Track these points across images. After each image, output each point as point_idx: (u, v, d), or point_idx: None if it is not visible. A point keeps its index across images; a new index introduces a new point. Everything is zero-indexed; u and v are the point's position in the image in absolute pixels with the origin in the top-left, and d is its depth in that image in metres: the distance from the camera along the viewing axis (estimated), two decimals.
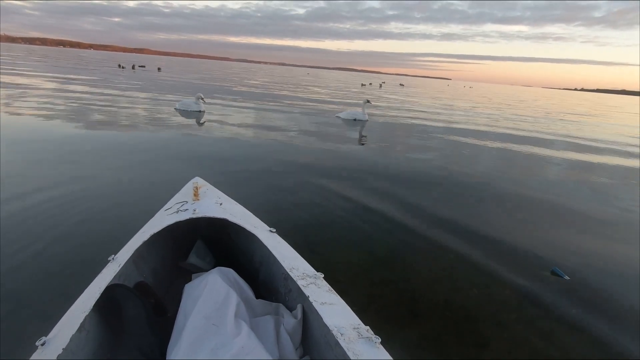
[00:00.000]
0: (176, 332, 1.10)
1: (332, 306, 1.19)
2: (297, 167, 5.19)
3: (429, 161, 6.27)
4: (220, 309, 1.13)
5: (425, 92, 38.32)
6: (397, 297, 2.35)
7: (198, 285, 1.24)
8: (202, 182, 2.18)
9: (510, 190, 4.92)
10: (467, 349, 1.98)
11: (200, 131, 7.42)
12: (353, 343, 1.03)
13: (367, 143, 7.59)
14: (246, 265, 1.85)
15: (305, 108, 13.01)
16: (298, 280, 1.32)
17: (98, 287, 1.21)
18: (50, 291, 2.15)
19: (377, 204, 3.92)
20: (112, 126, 7.09)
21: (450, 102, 23.87)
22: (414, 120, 12.07)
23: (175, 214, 1.64)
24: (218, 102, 12.50)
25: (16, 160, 4.45)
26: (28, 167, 4.28)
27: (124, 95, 12.44)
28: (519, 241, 3.31)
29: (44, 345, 1.01)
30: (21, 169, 4.16)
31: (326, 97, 19.16)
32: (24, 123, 6.76)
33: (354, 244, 2.99)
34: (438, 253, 2.95)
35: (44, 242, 2.65)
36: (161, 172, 4.48)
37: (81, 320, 1.07)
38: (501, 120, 14.41)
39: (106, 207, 3.34)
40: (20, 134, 5.86)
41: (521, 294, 2.48)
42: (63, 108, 8.75)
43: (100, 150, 5.26)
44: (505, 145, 8.47)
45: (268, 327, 1.19)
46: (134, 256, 1.47)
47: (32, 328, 1.86)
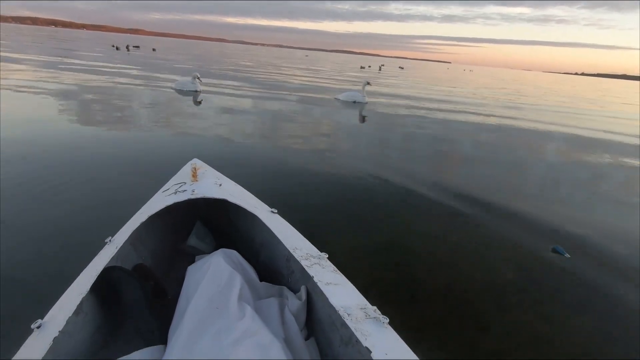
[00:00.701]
0: (178, 315, 1.07)
1: (337, 286, 1.16)
2: (295, 149, 5.11)
3: (430, 144, 6.20)
4: (224, 292, 1.10)
5: (427, 75, 37.86)
6: (398, 280, 2.33)
7: (201, 267, 1.20)
8: (201, 163, 2.13)
9: (512, 171, 4.88)
10: (469, 333, 1.96)
11: (197, 111, 7.28)
12: (360, 323, 1.00)
13: (366, 125, 7.49)
14: (246, 246, 1.81)
15: (303, 90, 12.80)
16: (302, 260, 1.28)
17: (95, 269, 1.17)
18: (45, 273, 2.11)
19: (378, 186, 3.87)
20: (107, 107, 6.94)
21: (456, 87, 23.59)
22: (416, 104, 11.92)
23: (174, 195, 1.60)
24: (215, 83, 12.27)
25: (10, 141, 4.35)
26: (20, 148, 4.18)
27: (119, 75, 12.17)
28: (520, 221, 3.31)
29: (39, 328, 0.98)
30: (14, 151, 4.06)
31: (324, 79, 18.87)
32: (17, 104, 6.60)
33: (355, 227, 2.96)
34: (440, 237, 2.92)
35: (38, 223, 2.60)
36: (158, 153, 4.39)
37: (78, 302, 1.03)
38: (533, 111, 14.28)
39: (102, 188, 3.27)
40: (14, 117, 5.72)
41: (522, 276, 2.47)
42: (55, 89, 8.54)
43: (94, 132, 5.15)
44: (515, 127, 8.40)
45: (272, 310, 1.16)
46: (131, 238, 1.43)
47: (27, 310, 1.83)
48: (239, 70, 19.55)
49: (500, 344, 1.90)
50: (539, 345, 1.91)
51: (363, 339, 0.94)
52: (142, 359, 0.96)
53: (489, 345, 1.89)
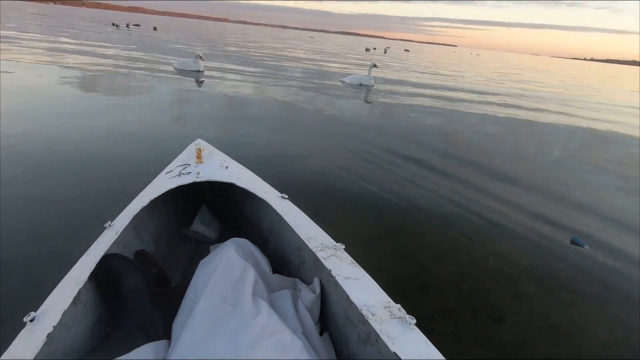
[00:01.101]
0: (185, 309, 0.98)
1: (357, 281, 1.06)
2: (301, 133, 4.98)
3: (440, 129, 6.04)
4: (237, 287, 1.02)
5: (434, 59, 37.11)
6: (408, 268, 2.24)
7: (212, 260, 1.11)
8: (205, 144, 2.02)
9: (528, 158, 4.74)
10: (482, 323, 1.89)
11: (199, 92, 7.11)
12: (385, 324, 0.91)
13: (373, 109, 7.31)
14: (254, 233, 1.73)
15: (308, 72, 12.53)
16: (317, 251, 1.18)
17: (94, 256, 1.08)
18: (42, 255, 2.03)
19: (387, 171, 3.76)
20: (109, 86, 6.78)
21: (466, 72, 23.09)
22: (426, 89, 11.65)
23: (177, 177, 1.50)
24: (218, 64, 12.01)
25: (11, 116, 4.23)
26: (22, 126, 4.07)
27: (120, 55, 11.92)
28: (538, 209, 3.19)
29: (33, 322, 0.89)
30: (15, 128, 3.95)
31: (330, 61, 18.47)
32: (18, 85, 6.45)
33: (364, 213, 2.86)
34: (452, 223, 2.81)
35: (36, 203, 2.51)
36: (160, 133, 4.27)
37: (76, 292, 0.95)
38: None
39: (102, 168, 3.17)
40: (15, 94, 5.58)
41: (539, 265, 2.38)
42: (57, 69, 8.36)
43: (96, 111, 5.02)
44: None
45: (286, 303, 1.08)
46: (133, 222, 1.34)
47: (24, 294, 1.76)
48: (242, 51, 19.16)
49: (515, 336, 1.82)
50: (556, 337, 1.84)
51: (390, 342, 0.85)
52: (145, 358, 0.87)
53: (504, 336, 1.81)
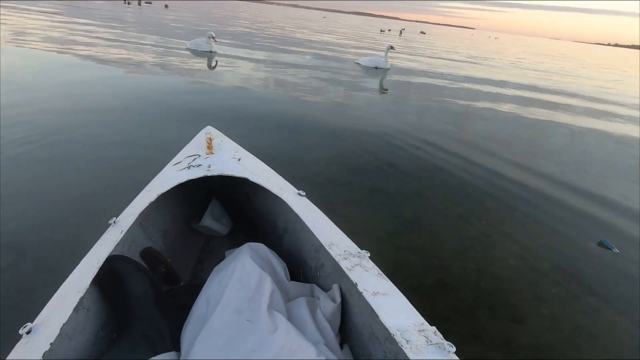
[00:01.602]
0: (196, 320, 0.92)
1: (386, 297, 0.97)
2: (313, 118, 4.86)
3: (464, 118, 5.84)
4: (253, 300, 0.95)
5: (452, 42, 35.98)
6: (425, 264, 2.17)
7: (226, 268, 1.04)
8: (216, 132, 1.92)
9: (555, 151, 4.55)
10: (502, 324, 1.81)
11: (211, 74, 7.00)
12: (421, 352, 0.81)
13: (390, 93, 7.11)
14: (267, 231, 1.66)
15: (322, 54, 12.24)
16: (340, 260, 1.09)
17: (97, 258, 1.01)
18: (52, 242, 2.01)
19: (404, 160, 3.64)
20: (119, 65, 6.71)
21: (487, 57, 22.35)
22: (445, 73, 11.28)
23: (187, 169, 1.42)
24: (230, 45, 11.81)
25: (19, 104, 4.22)
26: (29, 114, 4.05)
27: (133, 34, 11.80)
28: (564, 207, 3.05)
29: (30, 334, 0.82)
30: (23, 117, 3.94)
31: (344, 42, 18.03)
32: (24, 63, 6.43)
33: (378, 205, 2.77)
34: (471, 218, 2.71)
35: (44, 192, 2.49)
36: (169, 119, 4.19)
37: (78, 298, 0.88)
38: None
39: (110, 156, 3.12)
40: (22, 76, 5.57)
41: (563, 266, 2.27)
42: (63, 44, 8.31)
43: (101, 92, 4.96)
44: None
45: (304, 313, 1.01)
46: (139, 218, 1.28)
47: (33, 281, 1.75)
48: (254, 31, 18.82)
49: (537, 339, 1.75)
50: (579, 342, 1.76)
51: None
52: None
53: (524, 339, 1.74)
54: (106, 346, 0.97)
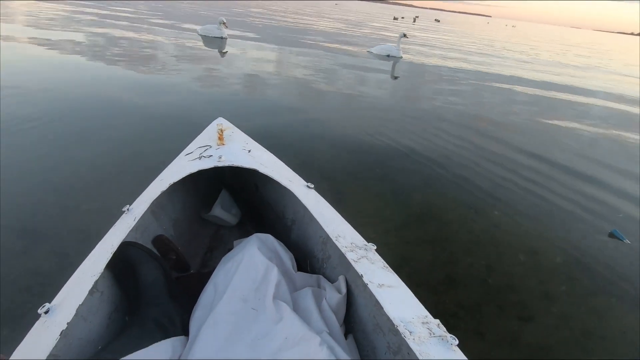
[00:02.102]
0: (204, 306, 0.95)
1: (390, 289, 0.97)
2: (324, 107, 4.81)
3: (472, 109, 5.72)
4: (260, 289, 0.97)
5: (468, 30, 35.09)
6: (433, 258, 2.15)
7: (234, 258, 1.06)
8: (227, 123, 1.94)
9: (570, 143, 4.43)
10: (510, 322, 1.79)
11: (222, 62, 6.96)
12: (424, 344, 0.82)
13: (402, 84, 6.99)
14: (275, 222, 1.66)
15: (333, 42, 12.07)
16: (347, 252, 1.10)
17: (111, 244, 1.04)
18: (67, 228, 2.05)
19: (413, 152, 3.59)
20: (126, 53, 6.72)
21: (509, 49, 21.73)
22: (462, 63, 11.03)
23: (198, 160, 1.43)
24: (241, 32, 11.72)
25: (31, 94, 4.27)
26: (39, 104, 4.10)
27: (143, 19, 11.79)
28: (575, 198, 3.00)
29: (47, 313, 0.86)
30: (33, 106, 3.99)
31: (356, 30, 17.74)
32: (36, 54, 6.49)
33: (386, 197, 2.74)
34: (481, 212, 2.67)
35: (59, 179, 2.53)
36: (180, 107, 4.20)
37: (93, 281, 0.91)
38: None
39: (121, 143, 3.14)
40: (34, 65, 5.63)
41: (575, 262, 2.23)
42: (72, 33, 8.36)
43: (111, 81, 4.99)
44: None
45: (309, 303, 1.03)
46: (152, 207, 1.30)
47: (48, 264, 1.79)
48: (265, 19, 18.63)
49: (545, 338, 1.72)
50: (589, 342, 1.73)
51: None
52: (163, 353, 0.83)
53: (532, 337, 1.72)
54: (119, 328, 1.00)
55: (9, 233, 1.95)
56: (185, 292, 1.07)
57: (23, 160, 2.65)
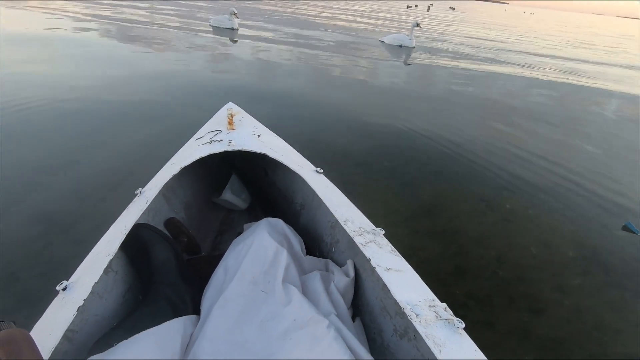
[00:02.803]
0: (215, 287, 0.97)
1: (398, 273, 0.97)
2: (335, 96, 4.77)
3: (489, 102, 5.60)
4: (269, 272, 0.98)
5: (485, 18, 34.21)
6: (442, 250, 2.13)
7: (244, 241, 1.08)
8: (237, 108, 1.94)
9: (584, 136, 4.31)
10: (520, 314, 1.77)
11: (233, 51, 6.95)
12: (430, 327, 0.82)
13: (413, 73, 6.87)
14: (284, 206, 1.67)
15: (345, 31, 11.92)
16: (355, 236, 1.10)
17: (124, 225, 1.07)
18: (82, 215, 2.10)
19: (423, 142, 3.54)
20: (138, 43, 6.76)
21: (534, 39, 21.10)
22: (477, 53, 10.78)
23: (208, 144, 1.45)
24: (251, 22, 11.67)
25: (42, 84, 4.35)
26: (50, 93, 4.17)
27: (160, 11, 11.83)
28: (587, 191, 2.92)
29: (65, 290, 0.89)
30: (49, 94, 4.05)
31: (367, 20, 17.46)
32: (51, 37, 6.58)
33: (395, 187, 2.72)
34: (492, 203, 2.63)
35: (73, 165, 2.58)
36: (192, 94, 4.23)
37: (107, 260, 0.94)
38: None
39: (133, 130, 3.19)
40: (43, 55, 5.71)
41: (588, 255, 2.18)
42: (82, 21, 8.43)
43: (124, 69, 5.03)
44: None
45: (318, 286, 1.04)
46: (163, 190, 1.32)
47: (62, 250, 1.84)
48: (275, 8, 18.48)
49: (557, 330, 1.70)
50: (602, 335, 1.70)
51: (436, 350, 0.77)
52: (175, 331, 0.85)
53: (544, 330, 1.70)
54: (132, 307, 1.03)
55: (26, 219, 2.01)
56: (196, 274, 1.09)
57: (39, 150, 2.72)
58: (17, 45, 5.72)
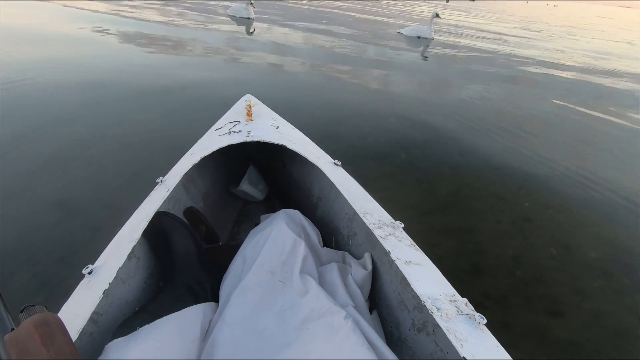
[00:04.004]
0: (233, 275, 0.99)
1: (418, 267, 0.96)
2: (351, 89, 4.71)
3: (507, 94, 5.45)
4: (287, 263, 0.99)
5: (507, 10, 33.22)
6: (458, 247, 2.09)
7: (262, 232, 1.09)
8: (255, 100, 1.94)
9: (611, 129, 4.16)
10: (537, 315, 1.73)
11: (249, 42, 6.93)
12: (451, 321, 0.81)
13: (430, 66, 6.73)
14: (302, 198, 1.67)
15: (362, 22, 11.74)
16: (374, 229, 1.09)
17: (146, 213, 1.09)
18: (99, 202, 2.13)
19: (440, 136, 3.47)
20: (153, 33, 6.80)
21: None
22: (496, 44, 10.49)
23: (227, 135, 1.45)
24: (267, 11, 11.59)
25: (61, 77, 4.41)
26: (71, 79, 4.23)
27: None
28: (610, 191, 2.81)
29: (91, 274, 0.92)
30: (64, 84, 4.12)
31: (385, 10, 17.16)
32: (66, 33, 6.68)
33: (412, 182, 2.68)
34: (511, 200, 2.56)
35: (92, 154, 2.63)
36: (208, 84, 4.24)
37: (130, 247, 0.97)
38: None
39: (151, 119, 3.22)
40: (67, 46, 5.79)
41: (610, 257, 2.11)
42: (98, 14, 8.51)
43: (141, 60, 5.07)
44: None
45: (335, 277, 1.04)
46: (183, 179, 1.33)
47: (81, 237, 1.87)
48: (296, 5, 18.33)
49: (575, 334, 1.66)
50: (623, 341, 1.65)
51: (457, 344, 0.76)
52: (195, 316, 0.87)
53: (561, 333, 1.65)
54: (154, 293, 1.05)
55: (46, 205, 2.05)
56: (215, 262, 1.11)
57: (58, 139, 2.77)
58: (44, 39, 5.82)
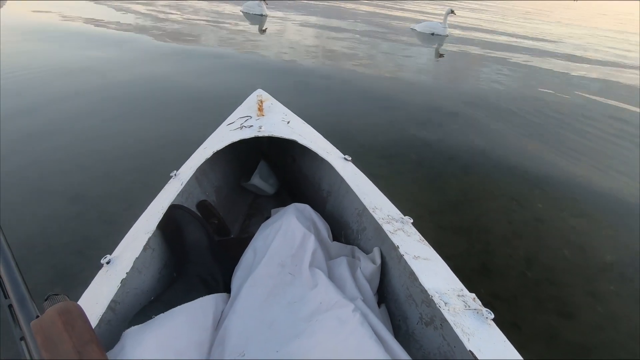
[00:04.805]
0: (244, 267, 1.02)
1: (427, 262, 0.97)
2: (363, 87, 4.69)
3: (524, 91, 5.34)
4: (297, 256, 1.01)
5: (524, 8, 32.50)
6: (468, 247, 2.07)
7: (272, 225, 1.11)
8: (266, 95, 1.97)
9: (619, 131, 4.05)
10: (548, 317, 1.71)
11: (261, 38, 6.96)
12: (459, 315, 0.82)
13: (444, 64, 6.65)
14: (311, 193, 1.68)
15: (375, 18, 11.65)
16: (383, 224, 1.10)
17: (161, 205, 1.13)
18: (114, 197, 2.19)
19: (452, 134, 3.44)
20: (165, 29, 6.88)
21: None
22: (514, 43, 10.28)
23: (239, 130, 1.47)
24: (281, 9, 11.61)
25: (75, 75, 4.51)
26: (82, 82, 4.32)
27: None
28: (628, 194, 2.74)
29: (109, 264, 0.96)
30: (81, 78, 4.21)
31: (397, 6, 16.98)
32: (81, 31, 6.81)
33: (422, 180, 2.66)
34: (524, 201, 2.52)
35: (108, 148, 2.69)
36: (220, 79, 4.28)
37: (146, 238, 1.01)
38: None
39: (164, 116, 3.27)
40: (82, 44, 5.91)
41: (626, 261, 2.06)
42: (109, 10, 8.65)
43: (155, 56, 5.15)
44: None
45: (344, 271, 1.05)
46: (196, 173, 1.37)
47: (97, 230, 1.92)
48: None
49: (587, 337, 1.63)
50: (637, 346, 1.61)
51: (464, 338, 0.77)
52: (207, 306, 0.90)
53: (572, 336, 1.63)
54: (168, 283, 1.08)
55: (63, 199, 2.12)
56: (226, 254, 1.14)
57: (73, 133, 2.84)
58: (63, 35, 5.96)
